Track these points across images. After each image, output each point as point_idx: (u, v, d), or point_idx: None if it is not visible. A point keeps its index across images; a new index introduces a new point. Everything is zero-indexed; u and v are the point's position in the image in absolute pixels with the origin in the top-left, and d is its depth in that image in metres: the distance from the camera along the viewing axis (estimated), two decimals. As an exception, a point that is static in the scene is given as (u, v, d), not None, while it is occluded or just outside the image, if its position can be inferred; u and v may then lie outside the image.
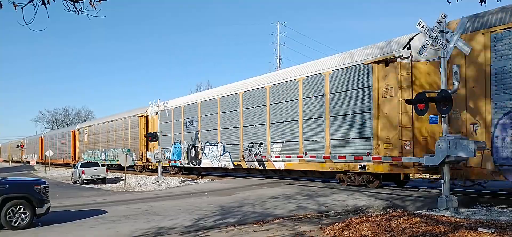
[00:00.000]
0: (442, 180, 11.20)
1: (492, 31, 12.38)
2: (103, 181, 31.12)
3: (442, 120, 11.31)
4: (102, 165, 33.09)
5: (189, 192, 19.91)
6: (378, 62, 15.59)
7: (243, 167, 23.20)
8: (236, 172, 25.76)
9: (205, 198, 17.23)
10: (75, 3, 5.72)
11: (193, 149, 27.57)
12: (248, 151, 22.39)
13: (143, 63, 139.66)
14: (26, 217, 11.99)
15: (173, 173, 30.59)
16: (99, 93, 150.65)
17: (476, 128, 12.79)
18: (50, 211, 12.81)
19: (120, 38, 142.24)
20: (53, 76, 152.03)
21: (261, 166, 21.73)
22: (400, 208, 12.21)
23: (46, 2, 5.57)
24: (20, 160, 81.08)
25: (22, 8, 5.46)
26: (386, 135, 15.34)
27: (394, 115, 15.03)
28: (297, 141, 19.22)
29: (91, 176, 30.63)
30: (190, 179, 27.88)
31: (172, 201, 16.76)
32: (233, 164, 23.63)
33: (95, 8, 5.79)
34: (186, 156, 28.47)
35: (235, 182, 22.84)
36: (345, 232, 8.62)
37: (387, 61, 15.26)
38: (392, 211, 10.81)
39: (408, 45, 14.89)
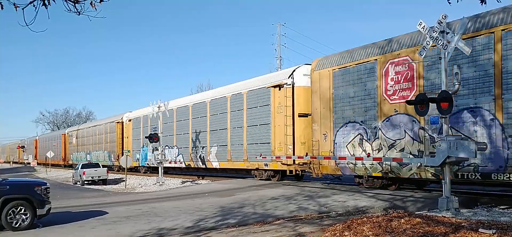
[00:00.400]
0: (442, 180, 11.19)
1: (334, 69, 17.62)
2: (104, 182, 31.15)
3: (443, 121, 11.30)
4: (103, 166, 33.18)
5: (189, 193, 19.92)
6: (274, 87, 21.20)
7: (192, 166, 28.62)
8: (188, 170, 31.58)
9: (205, 199, 17.23)
10: (76, 4, 5.72)
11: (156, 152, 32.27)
12: (195, 153, 27.89)
13: (143, 63, 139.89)
14: (26, 218, 11.98)
15: (143, 173, 34.28)
16: (99, 93, 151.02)
17: (326, 136, 17.84)
18: (51, 212, 12.80)
19: (120, 39, 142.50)
20: (53, 76, 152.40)
21: (203, 165, 27.27)
22: (401, 209, 12.19)
23: (47, 3, 5.58)
24: (17, 161, 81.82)
25: (22, 9, 5.47)
26: (278, 140, 20.71)
27: (282, 125, 20.53)
28: (226, 145, 24.74)
29: (92, 177, 30.66)
30: (191, 180, 27.90)
31: (172, 202, 16.76)
32: (184, 163, 28.78)
33: (95, 9, 5.79)
34: (151, 158, 33.13)
35: (235, 183, 22.84)
36: (346, 233, 8.61)
37: (279, 86, 20.86)
38: (393, 212, 10.79)
39: (291, 75, 20.69)
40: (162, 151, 27.31)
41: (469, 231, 7.86)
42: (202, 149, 27.09)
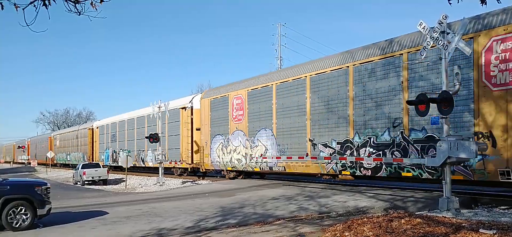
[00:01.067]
0: (443, 181, 11.18)
1: (211, 99, 26.59)
2: (104, 182, 31.15)
3: (443, 121, 11.29)
4: (103, 166, 33.27)
5: (190, 193, 19.92)
6: (182, 108, 29.33)
7: (136, 165, 36.62)
8: (134, 169, 38.57)
9: (206, 199, 17.22)
10: (76, 4, 5.72)
11: (114, 154, 41.30)
12: (138, 155, 36.29)
13: (144, 63, 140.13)
14: (27, 218, 12.00)
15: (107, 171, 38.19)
16: (99, 93, 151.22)
17: (207, 143, 26.19)
18: (51, 212, 12.82)
19: (121, 39, 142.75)
20: (54, 76, 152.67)
21: (144, 164, 35.61)
22: (401, 209, 12.19)
23: (47, 3, 5.58)
24: (11, 161, 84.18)
25: (23, 9, 5.47)
26: (183, 147, 29.08)
27: (186, 137, 28.77)
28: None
29: (92, 177, 30.67)
30: (191, 180, 27.90)
31: (173, 202, 16.76)
32: (132, 163, 31.86)
33: (96, 9, 5.80)
34: (111, 159, 41.96)
35: (235, 183, 22.83)
36: (346, 233, 8.61)
37: (185, 108, 29.05)
38: (393, 212, 10.78)
39: (191, 101, 28.68)
40: (162, 152, 27.37)
41: (469, 231, 7.85)
42: (143, 152, 35.64)
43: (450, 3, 6.24)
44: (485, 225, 8.36)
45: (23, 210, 11.98)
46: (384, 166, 15.32)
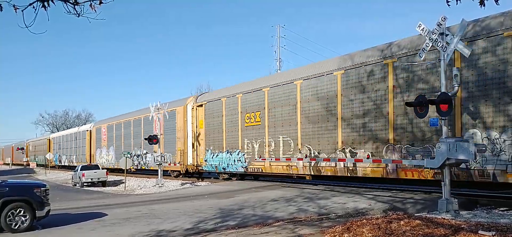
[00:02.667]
0: (442, 182, 11.19)
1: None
2: (103, 184, 31.11)
3: (442, 123, 11.30)
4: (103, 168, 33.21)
5: (189, 195, 19.90)
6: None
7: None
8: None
9: (205, 200, 17.21)
10: (75, 6, 5.72)
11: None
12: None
13: (143, 63, 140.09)
14: (26, 220, 11.97)
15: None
16: (99, 93, 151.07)
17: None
18: (50, 214, 12.79)
19: (121, 38, 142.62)
20: (53, 76, 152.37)
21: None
22: (401, 210, 12.20)
23: (46, 5, 5.58)
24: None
25: (22, 10, 5.47)
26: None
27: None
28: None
29: (91, 179, 30.61)
30: (190, 182, 27.88)
31: (172, 204, 16.74)
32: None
33: (95, 10, 5.79)
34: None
35: (235, 184, 22.82)
36: (346, 235, 8.61)
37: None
38: (393, 214, 10.80)
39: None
40: (162, 154, 27.34)
41: (468, 233, 7.86)
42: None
43: (448, 5, 6.25)
44: (484, 227, 8.36)
45: (22, 211, 11.95)
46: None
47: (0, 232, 11.84)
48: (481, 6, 5.87)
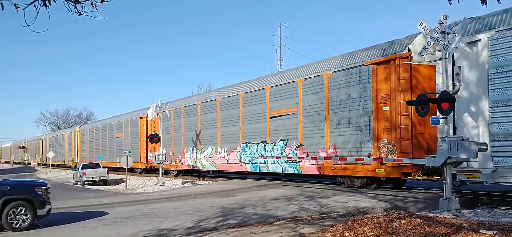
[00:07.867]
0: (443, 181, 11.17)
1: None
2: (104, 182, 31.14)
3: (443, 121, 11.28)
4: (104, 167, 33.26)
5: (190, 194, 19.91)
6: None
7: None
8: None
9: (206, 199, 17.22)
10: (77, 5, 5.72)
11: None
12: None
13: (144, 63, 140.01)
14: (27, 219, 11.98)
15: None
16: (99, 93, 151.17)
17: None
18: (51, 212, 12.81)
19: (121, 38, 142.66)
20: (54, 76, 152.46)
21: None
22: (402, 209, 12.19)
23: (47, 4, 5.57)
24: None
25: (23, 9, 5.46)
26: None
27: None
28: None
29: (92, 178, 30.66)
30: (191, 180, 27.90)
31: (173, 203, 16.75)
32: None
33: (96, 9, 5.79)
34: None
35: (236, 183, 22.83)
36: (347, 234, 8.60)
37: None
38: (394, 213, 10.78)
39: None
40: (163, 152, 27.37)
41: (470, 232, 7.84)
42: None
43: (450, 3, 6.23)
44: (485, 226, 8.35)
45: (23, 210, 11.96)
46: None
47: (1, 231, 11.86)
48: (483, 4, 5.86)
